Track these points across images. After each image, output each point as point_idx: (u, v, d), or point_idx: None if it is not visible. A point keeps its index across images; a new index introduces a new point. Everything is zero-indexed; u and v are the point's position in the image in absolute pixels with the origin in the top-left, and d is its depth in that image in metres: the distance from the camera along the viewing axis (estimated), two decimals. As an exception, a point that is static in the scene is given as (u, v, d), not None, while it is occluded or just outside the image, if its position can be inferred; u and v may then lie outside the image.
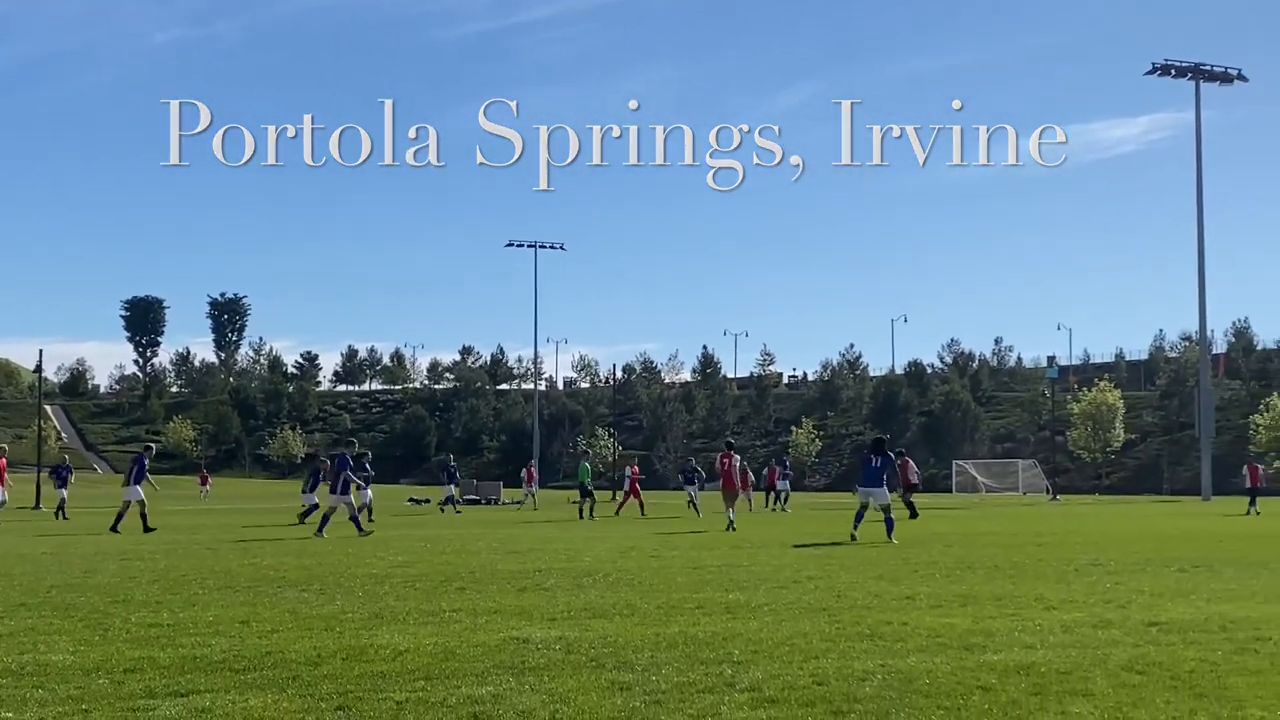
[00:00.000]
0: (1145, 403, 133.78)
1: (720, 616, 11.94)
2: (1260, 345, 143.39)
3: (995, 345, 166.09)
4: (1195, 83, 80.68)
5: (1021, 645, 10.05)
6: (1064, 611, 12.28)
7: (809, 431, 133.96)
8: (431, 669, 8.96)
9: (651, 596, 13.73)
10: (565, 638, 10.40)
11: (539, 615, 12.01)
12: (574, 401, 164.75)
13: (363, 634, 10.72)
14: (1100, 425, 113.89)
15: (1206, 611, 12.24)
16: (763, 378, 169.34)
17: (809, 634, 10.68)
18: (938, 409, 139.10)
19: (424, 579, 16.03)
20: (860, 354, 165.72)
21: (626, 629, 11.02)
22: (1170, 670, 8.87)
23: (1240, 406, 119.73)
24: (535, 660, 9.30)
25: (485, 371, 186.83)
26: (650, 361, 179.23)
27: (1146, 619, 11.62)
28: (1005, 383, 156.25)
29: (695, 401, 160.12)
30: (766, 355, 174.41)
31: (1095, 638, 10.49)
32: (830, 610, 12.40)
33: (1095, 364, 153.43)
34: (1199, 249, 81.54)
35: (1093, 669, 8.92)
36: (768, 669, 8.94)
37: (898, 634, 10.68)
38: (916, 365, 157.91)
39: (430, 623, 11.47)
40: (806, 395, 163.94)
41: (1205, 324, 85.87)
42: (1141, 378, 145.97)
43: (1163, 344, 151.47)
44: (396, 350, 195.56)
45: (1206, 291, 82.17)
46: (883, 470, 25.57)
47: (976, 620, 11.58)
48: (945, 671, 8.84)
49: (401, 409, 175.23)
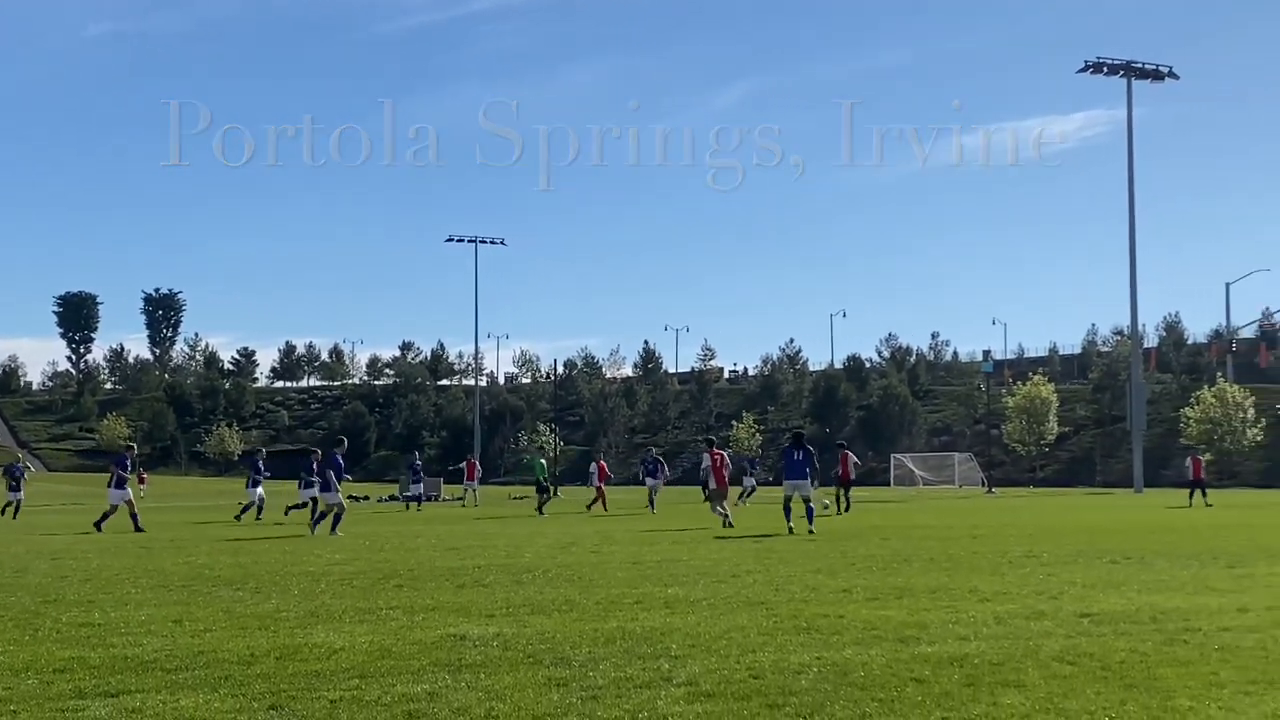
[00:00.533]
0: (1078, 396, 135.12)
1: (658, 611, 11.96)
2: (1191, 339, 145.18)
3: (932, 340, 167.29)
4: (1127, 80, 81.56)
5: (955, 637, 10.14)
6: (998, 603, 12.40)
7: (749, 426, 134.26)
8: (367, 667, 8.93)
9: (590, 592, 13.73)
10: (503, 634, 10.39)
11: (477, 612, 11.98)
12: (515, 397, 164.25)
13: (297, 632, 10.66)
14: (1034, 418, 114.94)
15: (1137, 603, 12.40)
16: (704, 372, 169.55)
17: (746, 628, 10.72)
18: (876, 403, 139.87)
19: (361, 576, 15.96)
20: (800, 349, 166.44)
21: (565, 625, 11.02)
22: (1101, 661, 8.97)
23: (1171, 400, 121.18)
24: (472, 657, 9.29)
25: (425, 367, 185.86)
26: (591, 357, 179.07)
27: (1078, 610, 11.75)
28: (942, 377, 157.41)
29: (637, 396, 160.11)
30: (707, 350, 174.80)
31: (1028, 629, 10.60)
32: (768, 604, 12.46)
33: (1030, 358, 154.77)
34: (1130, 244, 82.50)
35: (1025, 660, 9.02)
36: (705, 663, 8.97)
37: (834, 627, 10.75)
38: (855, 360, 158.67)
39: (366, 621, 11.42)
40: (747, 390, 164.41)
41: (1137, 318, 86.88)
42: (1075, 371, 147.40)
43: (1095, 338, 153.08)
44: (335, 346, 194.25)
45: (1138, 286, 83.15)
46: (805, 463, 26.68)
47: (912, 613, 11.67)
48: (880, 663, 8.90)
49: (340, 405, 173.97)
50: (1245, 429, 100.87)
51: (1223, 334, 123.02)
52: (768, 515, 35.54)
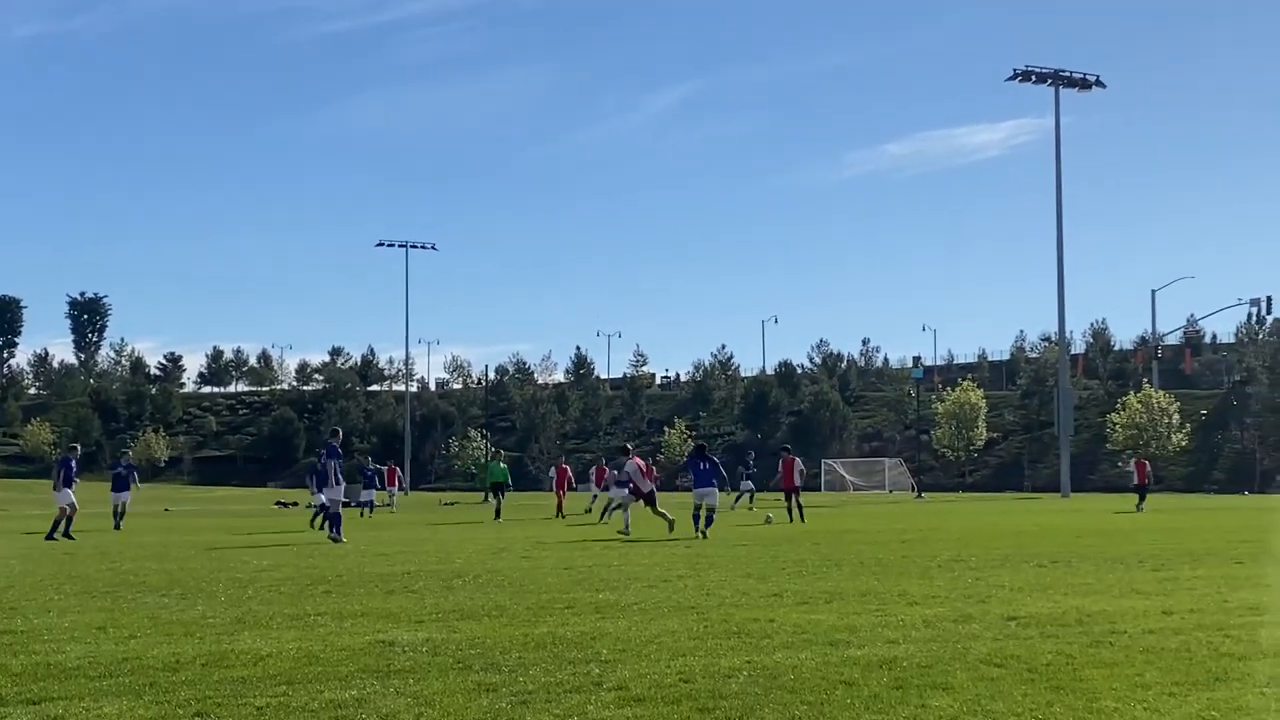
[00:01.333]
0: (1007, 402, 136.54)
1: (589, 616, 11.94)
2: (1117, 346, 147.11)
3: (863, 346, 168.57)
4: (1055, 89, 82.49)
5: (884, 640, 10.19)
6: (926, 607, 12.48)
7: (681, 432, 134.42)
8: (294, 673, 8.84)
9: (521, 597, 13.68)
10: (432, 640, 10.33)
11: (406, 617, 11.91)
12: (446, 403, 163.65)
13: (224, 639, 10.54)
14: (963, 424, 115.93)
15: (1064, 606, 12.51)
16: (636, 378, 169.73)
17: (677, 632, 10.72)
18: (807, 409, 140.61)
19: (289, 582, 15.82)
20: (732, 355, 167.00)
21: (495, 630, 10.97)
22: (1028, 663, 9.04)
23: (1098, 405, 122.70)
24: (401, 663, 9.22)
25: (355, 373, 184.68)
26: (523, 362, 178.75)
27: (1006, 613, 11.84)
28: (872, 383, 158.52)
29: (569, 402, 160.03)
30: (639, 356, 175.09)
31: (956, 632, 10.67)
32: (698, 608, 12.47)
33: (959, 364, 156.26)
34: (1058, 252, 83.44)
35: (953, 663, 9.07)
36: (635, 668, 8.96)
37: (764, 631, 10.77)
38: (787, 366, 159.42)
39: (294, 627, 11.32)
40: (679, 396, 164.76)
41: (1064, 325, 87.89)
42: (1003, 378, 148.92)
43: (1024, 345, 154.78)
44: (264, 351, 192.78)
45: (1065, 293, 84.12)
46: (711, 473, 27.87)
47: (842, 616, 11.72)
48: (810, 667, 8.93)
49: (269, 411, 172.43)
50: (1170, 434, 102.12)
51: (1148, 340, 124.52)
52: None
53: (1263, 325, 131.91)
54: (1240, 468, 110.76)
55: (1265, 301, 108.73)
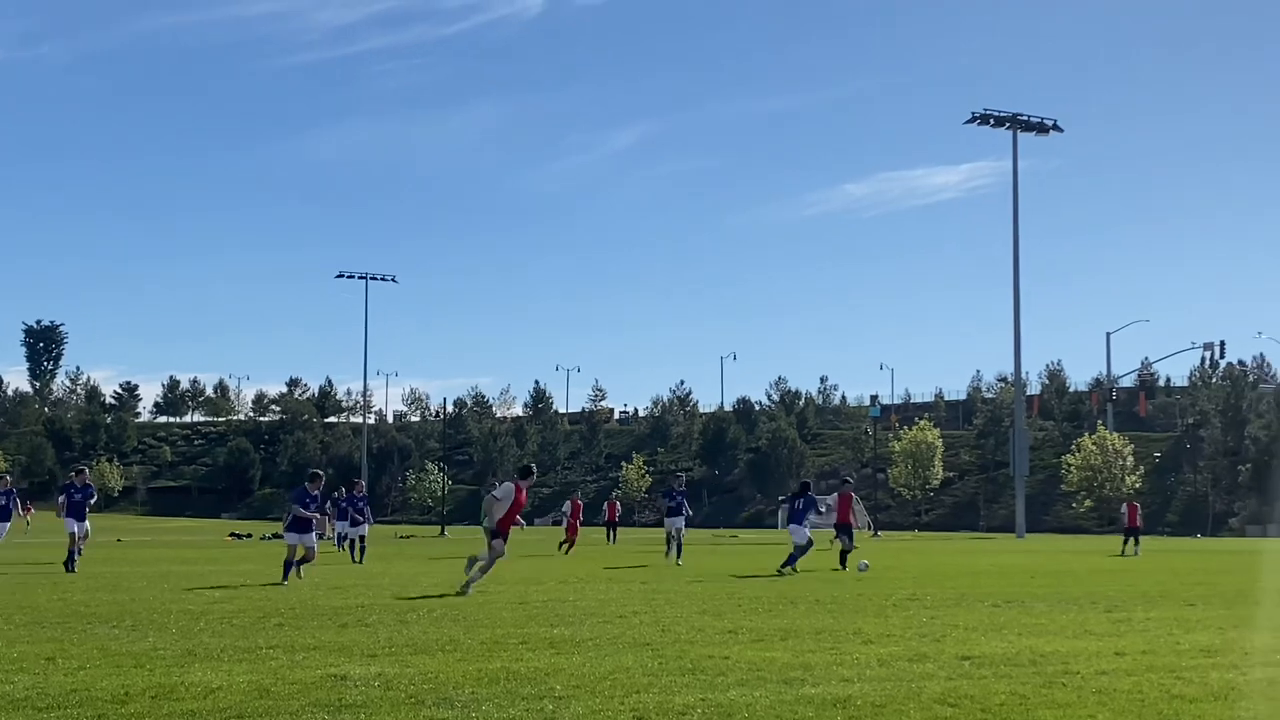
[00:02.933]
0: (963, 441, 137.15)
1: (544, 651, 11.88)
2: (1072, 387, 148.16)
3: (821, 384, 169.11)
4: (1013, 132, 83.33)
5: (839, 679, 10.18)
6: (881, 645, 12.48)
7: (639, 467, 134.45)
8: (244, 707, 8.75)
9: (475, 632, 13.61)
10: (385, 674, 10.25)
11: (359, 651, 11.82)
12: (404, 435, 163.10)
13: (174, 671, 10.43)
14: (920, 463, 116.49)
15: (1018, 645, 12.55)
16: (594, 413, 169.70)
17: (631, 669, 10.68)
18: (765, 446, 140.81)
19: (241, 615, 15.68)
20: (690, 391, 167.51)
21: (448, 665, 10.89)
22: (981, 703, 9.05)
23: (1053, 446, 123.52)
24: (353, 697, 9.14)
25: (313, 404, 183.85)
26: (482, 396, 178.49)
27: (960, 653, 11.87)
28: (830, 421, 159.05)
29: (527, 436, 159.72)
30: (598, 391, 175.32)
31: (910, 671, 10.68)
32: (653, 644, 12.43)
33: (916, 403, 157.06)
34: (1015, 293, 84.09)
35: (907, 702, 9.08)
36: (589, 704, 8.92)
37: (719, 668, 10.75)
38: (745, 403, 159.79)
39: (245, 660, 11.21)
40: (637, 431, 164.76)
41: (1020, 366, 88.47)
42: (960, 417, 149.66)
43: (980, 385, 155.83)
44: (220, 381, 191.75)
45: (1022, 334, 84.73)
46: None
47: (796, 654, 11.71)
48: (764, 705, 8.91)
49: (225, 441, 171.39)
50: (1124, 476, 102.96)
51: (1103, 382, 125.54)
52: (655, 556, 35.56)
53: (1216, 369, 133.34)
54: (1193, 510, 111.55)
55: (1218, 345, 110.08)
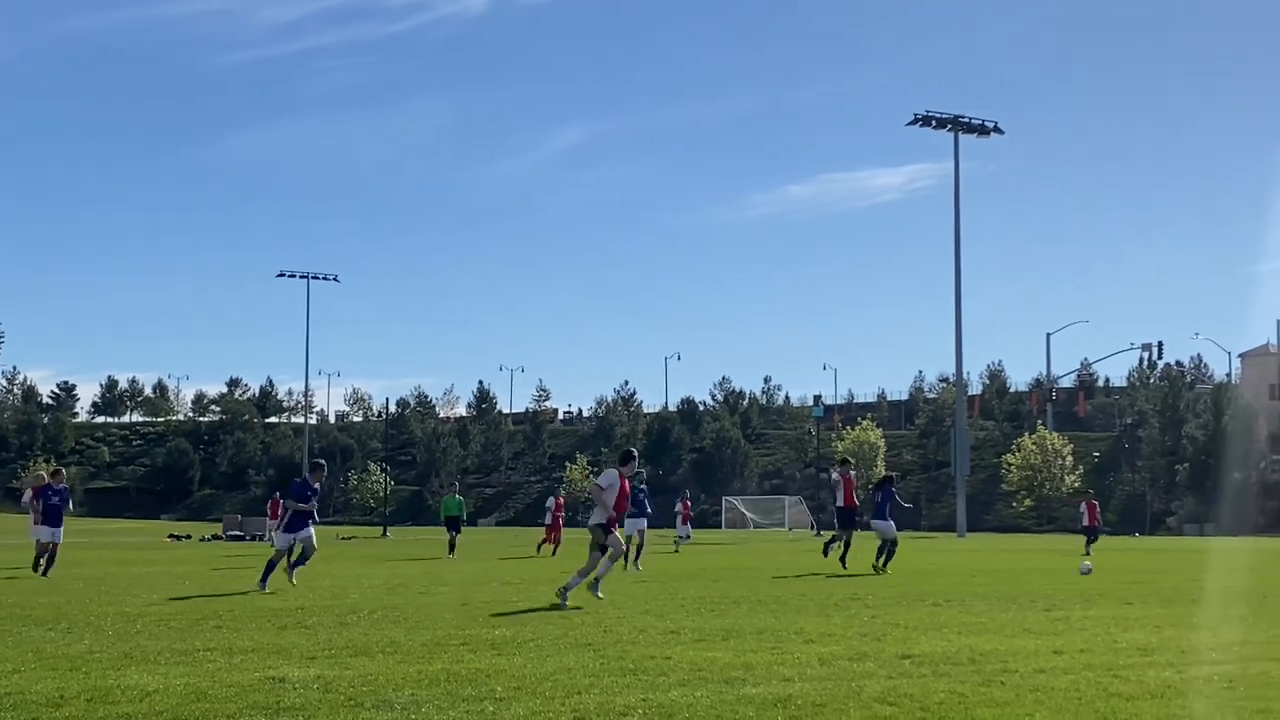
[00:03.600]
0: (905, 441, 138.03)
1: (485, 652, 11.84)
2: (1013, 387, 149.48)
3: (765, 384, 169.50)
4: (954, 134, 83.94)
5: (780, 678, 10.20)
6: (822, 645, 12.52)
7: (583, 468, 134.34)
8: (181, 710, 8.66)
9: (416, 633, 13.54)
10: (324, 676, 10.17)
11: (298, 653, 11.73)
12: (346, 435, 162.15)
13: (110, 674, 10.31)
14: (863, 462, 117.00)
15: (957, 644, 12.62)
16: (538, 413, 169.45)
17: (573, 669, 10.66)
18: (709, 446, 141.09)
19: (179, 617, 15.53)
20: (635, 391, 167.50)
21: (388, 666, 10.83)
22: (921, 702, 9.10)
23: (994, 446, 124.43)
24: (291, 700, 9.06)
25: (253, 404, 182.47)
26: (425, 396, 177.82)
27: (900, 652, 11.92)
28: (774, 421, 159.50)
29: (470, 436, 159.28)
30: (542, 391, 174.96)
31: (851, 670, 10.72)
32: (595, 645, 12.41)
33: (859, 403, 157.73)
34: (956, 294, 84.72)
35: (847, 701, 9.10)
36: (530, 705, 8.89)
37: (660, 668, 10.74)
38: (689, 403, 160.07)
39: (182, 662, 11.10)
40: (581, 431, 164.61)
41: (961, 366, 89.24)
42: (902, 417, 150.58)
43: (922, 385, 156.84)
44: (159, 381, 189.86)
45: (963, 335, 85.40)
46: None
47: (738, 654, 11.72)
48: (705, 705, 8.91)
49: (164, 442, 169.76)
50: (1064, 475, 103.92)
51: (1043, 383, 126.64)
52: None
53: (1154, 369, 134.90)
54: (1131, 509, 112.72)
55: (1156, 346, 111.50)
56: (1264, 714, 8.71)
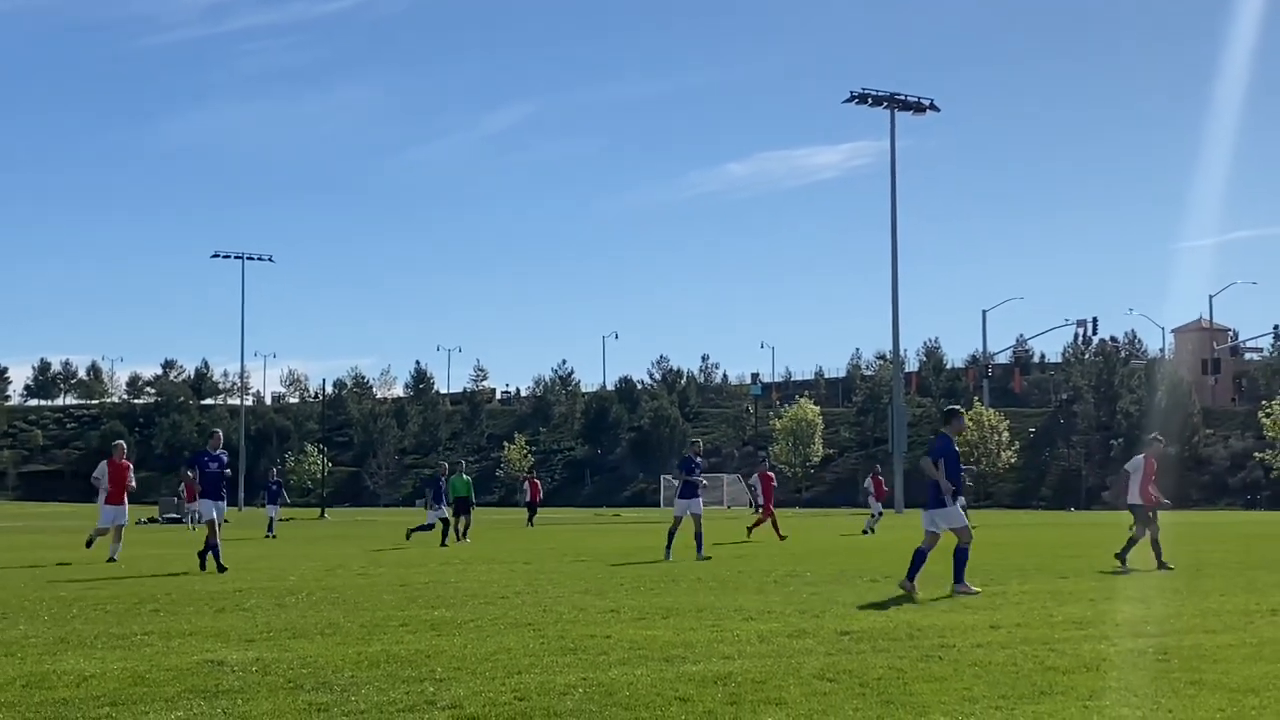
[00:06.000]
0: (843, 419, 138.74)
1: (425, 633, 11.81)
2: (949, 364, 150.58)
3: (703, 363, 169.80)
4: (891, 111, 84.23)
5: (720, 656, 10.24)
6: (762, 622, 12.58)
7: (521, 447, 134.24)
8: (118, 695, 8.58)
9: (355, 615, 13.49)
10: (262, 659, 10.11)
11: (236, 636, 11.65)
12: (282, 417, 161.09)
13: (46, 659, 10.20)
14: (800, 440, 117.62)
15: (896, 620, 12.72)
16: (476, 393, 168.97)
17: (513, 649, 10.66)
18: (647, 425, 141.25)
19: (115, 601, 15.38)
20: (572, 370, 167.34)
21: (327, 648, 10.79)
22: (860, 678, 9.16)
23: (931, 422, 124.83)
24: (230, 683, 9.01)
25: (189, 386, 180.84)
26: (362, 377, 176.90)
27: (839, 628, 12.00)
28: (712, 399, 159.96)
29: (408, 417, 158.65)
30: (480, 371, 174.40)
31: (790, 647, 10.78)
32: (535, 625, 12.41)
33: (796, 381, 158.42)
34: (893, 272, 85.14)
35: (786, 678, 9.15)
36: (470, 685, 8.88)
37: (600, 647, 10.76)
38: (627, 382, 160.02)
39: (120, 647, 11.00)
40: (519, 411, 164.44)
41: (898, 343, 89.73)
42: (839, 395, 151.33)
43: (859, 362, 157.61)
44: (94, 363, 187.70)
45: (900, 312, 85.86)
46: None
47: (678, 632, 11.76)
48: (645, 683, 8.93)
49: (98, 424, 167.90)
50: (1000, 451, 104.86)
51: (979, 359, 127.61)
52: (550, 535, 35.40)
53: (1088, 345, 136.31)
54: (1067, 484, 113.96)
55: (1091, 322, 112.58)
56: (1196, 685, 8.84)
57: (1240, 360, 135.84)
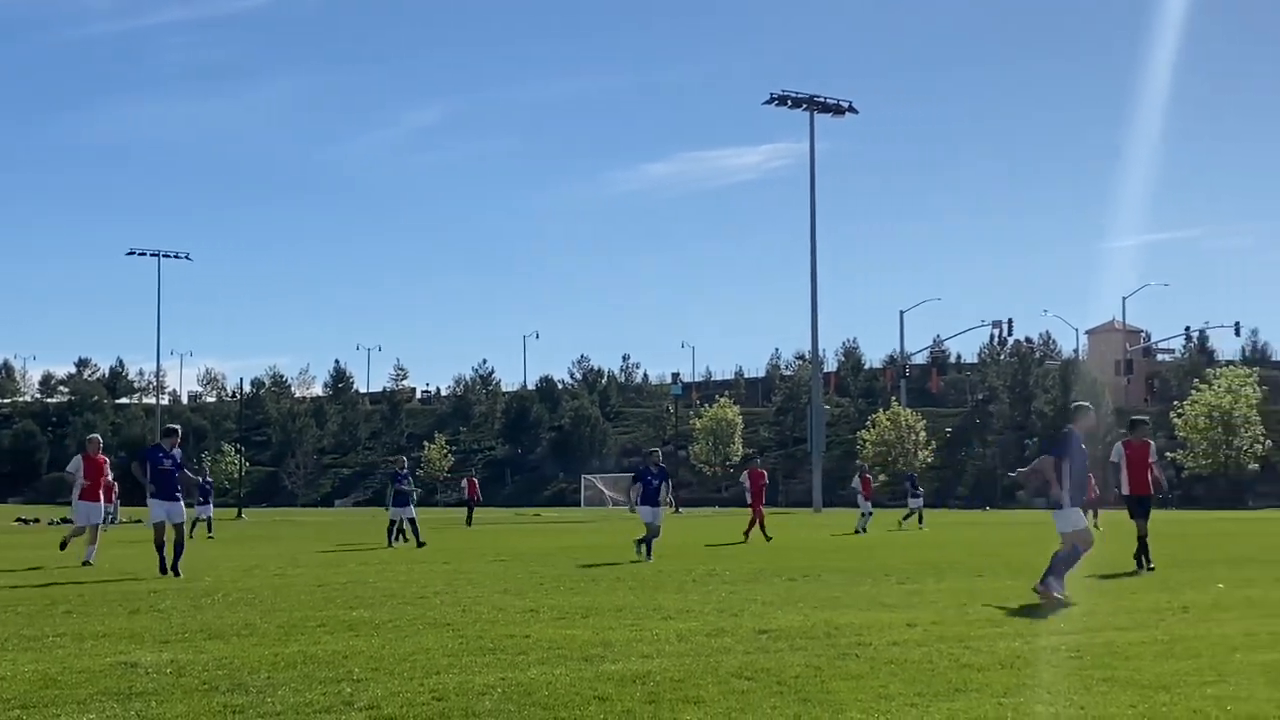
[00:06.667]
0: (762, 418, 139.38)
1: (342, 634, 11.74)
2: (867, 365, 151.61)
3: (623, 362, 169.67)
4: (810, 113, 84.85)
5: (639, 655, 10.26)
6: (681, 621, 12.63)
7: (441, 447, 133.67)
8: (29, 697, 8.46)
9: (272, 616, 13.37)
10: (177, 660, 10.01)
11: (150, 638, 11.52)
12: (199, 416, 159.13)
13: (-46, 663, 10.03)
14: (720, 440, 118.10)
15: (813, 619, 12.80)
16: (396, 392, 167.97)
17: (431, 649, 10.62)
18: (568, 424, 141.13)
19: (26, 603, 15.14)
20: (493, 370, 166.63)
21: (243, 650, 10.69)
22: (777, 676, 9.22)
23: (849, 422, 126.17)
24: (143, 685, 8.91)
25: (103, 384, 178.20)
26: (280, 376, 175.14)
27: (757, 627, 12.06)
28: (632, 399, 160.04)
29: (326, 416, 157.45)
30: (400, 370, 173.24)
31: (709, 646, 10.82)
32: (454, 625, 12.38)
33: (717, 381, 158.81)
34: (812, 273, 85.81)
35: (704, 676, 9.19)
36: (388, 686, 8.84)
37: (519, 647, 10.75)
38: (548, 381, 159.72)
39: (31, 649, 10.83)
40: (439, 410, 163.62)
41: (817, 344, 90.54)
42: (759, 394, 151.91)
43: (779, 363, 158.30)
44: (5, 362, 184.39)
45: (819, 313, 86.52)
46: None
47: (597, 631, 11.77)
48: (564, 683, 8.94)
49: (10, 424, 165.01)
50: (917, 450, 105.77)
51: (897, 360, 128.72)
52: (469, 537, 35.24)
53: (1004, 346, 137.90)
54: (983, 483, 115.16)
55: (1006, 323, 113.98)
56: (1108, 682, 8.98)
57: (1153, 361, 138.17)
